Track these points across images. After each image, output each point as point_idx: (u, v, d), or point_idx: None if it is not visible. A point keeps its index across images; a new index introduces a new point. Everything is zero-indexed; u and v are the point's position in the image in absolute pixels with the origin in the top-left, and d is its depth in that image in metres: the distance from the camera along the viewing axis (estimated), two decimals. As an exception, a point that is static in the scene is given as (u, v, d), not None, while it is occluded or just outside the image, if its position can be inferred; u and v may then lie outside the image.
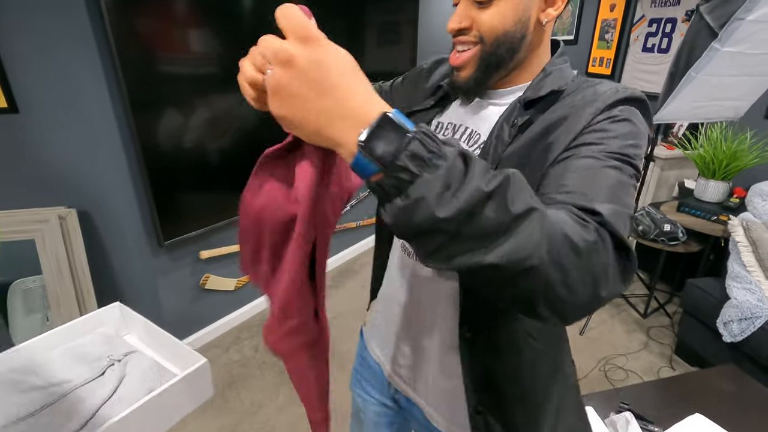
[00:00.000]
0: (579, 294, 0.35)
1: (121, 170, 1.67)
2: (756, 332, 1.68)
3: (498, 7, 0.53)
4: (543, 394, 0.65)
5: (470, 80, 0.59)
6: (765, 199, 1.95)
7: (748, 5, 1.39)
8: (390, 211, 0.33)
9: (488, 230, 0.33)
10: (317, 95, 0.32)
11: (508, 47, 0.56)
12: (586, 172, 0.45)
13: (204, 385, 0.68)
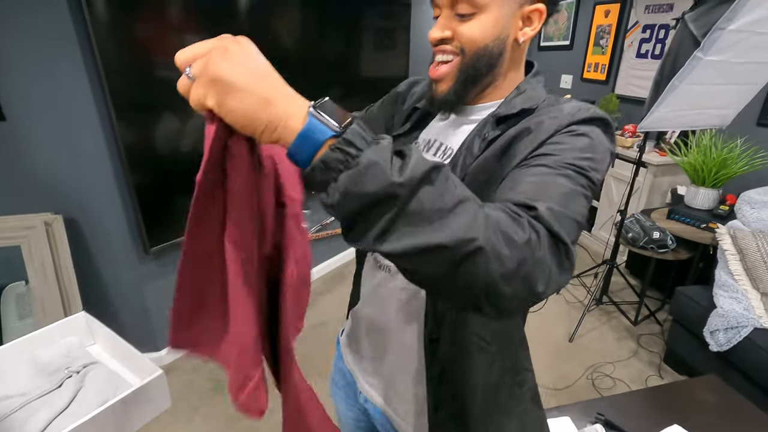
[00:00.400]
0: (516, 287, 0.36)
1: (106, 177, 1.68)
2: (742, 342, 1.66)
3: (479, 21, 0.55)
4: (493, 395, 0.66)
5: (449, 93, 0.60)
6: (754, 207, 1.93)
7: (728, 15, 1.39)
8: (339, 185, 0.34)
9: (435, 207, 0.34)
10: (259, 77, 0.35)
11: (486, 62, 0.58)
12: (537, 178, 0.46)
13: (160, 397, 0.68)
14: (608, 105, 3.32)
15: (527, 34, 0.58)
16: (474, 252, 0.34)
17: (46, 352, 0.75)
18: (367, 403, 0.79)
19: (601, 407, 1.23)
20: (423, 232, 0.34)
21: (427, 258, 0.35)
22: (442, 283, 0.37)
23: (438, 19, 0.58)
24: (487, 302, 0.37)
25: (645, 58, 3.16)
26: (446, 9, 0.56)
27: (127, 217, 1.76)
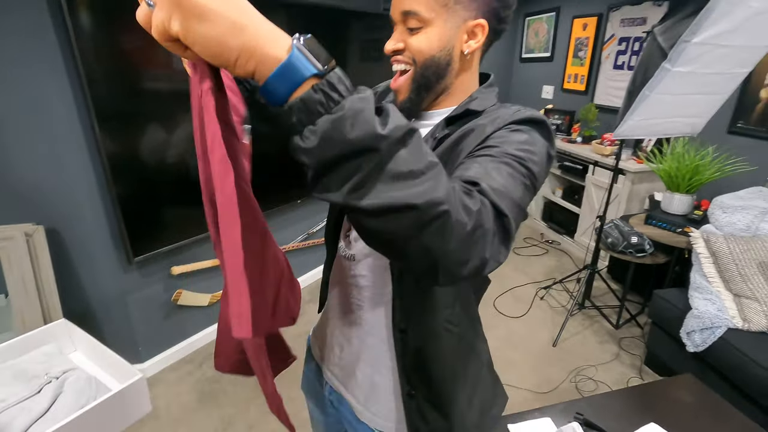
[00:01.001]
0: (469, 252, 0.39)
1: (89, 186, 1.68)
2: (717, 342, 1.71)
3: (426, 34, 0.60)
4: (462, 371, 0.73)
5: (406, 102, 0.66)
6: (726, 211, 2.01)
7: (692, 29, 1.46)
8: (318, 128, 0.32)
9: (410, 168, 0.34)
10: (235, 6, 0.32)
11: (434, 71, 0.63)
12: (481, 165, 0.50)
13: (140, 401, 0.69)
14: (588, 114, 3.41)
15: (471, 47, 0.63)
16: (440, 215, 0.35)
17: (25, 359, 0.75)
18: (331, 394, 0.84)
19: (581, 407, 1.26)
20: (397, 189, 0.34)
21: (395, 217, 0.35)
22: (405, 245, 0.37)
23: (393, 33, 0.63)
24: (443, 267, 0.38)
25: (621, 69, 3.27)
26: (399, 24, 0.62)
27: (110, 227, 1.76)
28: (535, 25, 4.24)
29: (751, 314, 1.72)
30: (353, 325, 0.75)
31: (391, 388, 0.73)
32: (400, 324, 0.68)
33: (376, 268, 0.70)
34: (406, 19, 0.60)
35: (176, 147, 1.86)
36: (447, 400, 0.71)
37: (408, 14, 0.60)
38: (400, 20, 0.62)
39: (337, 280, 0.78)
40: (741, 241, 1.81)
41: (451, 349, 0.71)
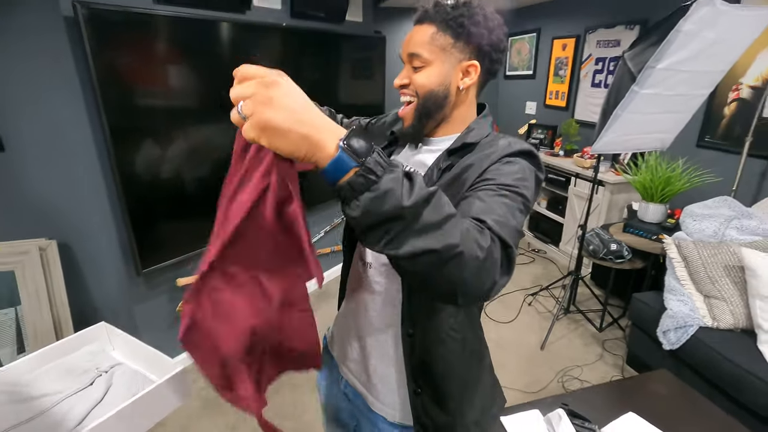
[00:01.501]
0: (484, 280, 0.49)
1: (101, 202, 1.76)
2: (690, 340, 1.86)
3: (426, 72, 0.73)
4: (465, 373, 0.82)
5: (410, 128, 0.78)
6: (695, 219, 2.17)
7: (657, 56, 1.64)
8: (361, 203, 0.44)
9: (431, 222, 0.46)
10: (298, 118, 0.43)
11: (433, 102, 0.75)
12: (483, 199, 0.61)
13: (183, 389, 0.79)
14: (569, 129, 3.61)
15: (466, 83, 0.74)
16: (456, 255, 0.46)
17: (75, 357, 0.85)
18: (347, 388, 0.93)
19: (566, 400, 1.37)
20: (421, 240, 0.45)
21: (420, 260, 0.46)
22: (430, 279, 0.49)
23: (402, 70, 0.76)
24: (461, 293, 0.49)
25: (599, 87, 3.48)
26: (407, 63, 0.76)
27: (120, 240, 1.84)
28: (518, 45, 4.47)
29: (720, 313, 1.87)
30: (367, 325, 0.85)
31: (402, 382, 0.82)
32: (408, 329, 0.78)
33: (389, 275, 0.80)
34: (411, 59, 0.74)
35: (184, 163, 1.96)
36: (450, 398, 0.79)
37: (413, 56, 0.73)
38: (407, 60, 0.75)
39: (354, 284, 0.88)
40: (709, 246, 1.97)
41: (454, 353, 0.79)
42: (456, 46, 0.72)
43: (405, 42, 0.75)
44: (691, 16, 1.54)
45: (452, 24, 0.71)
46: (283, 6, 2.33)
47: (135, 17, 1.67)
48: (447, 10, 0.71)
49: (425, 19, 0.73)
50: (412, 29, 0.76)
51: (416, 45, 0.72)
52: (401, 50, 0.76)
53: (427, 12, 0.73)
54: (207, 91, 2.00)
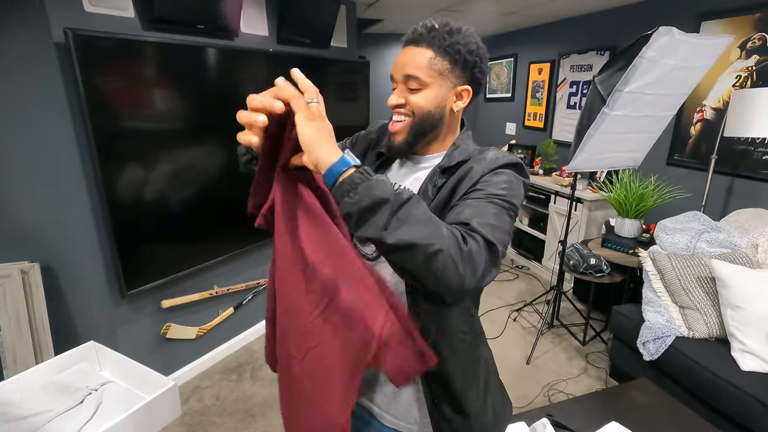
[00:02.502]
0: (468, 277, 0.55)
1: (86, 224, 1.76)
2: (668, 350, 1.92)
3: (424, 94, 0.77)
4: (475, 376, 0.85)
5: (403, 144, 0.81)
6: (668, 233, 2.27)
7: (624, 80, 1.75)
8: (358, 191, 0.55)
9: (415, 214, 0.55)
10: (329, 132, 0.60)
11: (429, 122, 0.79)
12: (472, 206, 0.66)
13: (172, 405, 0.80)
14: (547, 149, 3.74)
15: (459, 106, 0.80)
16: (436, 252, 0.53)
17: (65, 375, 0.85)
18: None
19: (551, 411, 1.40)
20: (405, 231, 0.54)
21: (408, 253, 0.54)
22: (418, 273, 0.55)
23: (396, 89, 0.79)
24: (448, 291, 0.55)
25: (573, 109, 3.64)
26: (401, 84, 0.78)
27: (104, 262, 1.83)
28: (497, 69, 4.65)
29: (694, 323, 1.94)
30: None
31: (413, 394, 0.83)
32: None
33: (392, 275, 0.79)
34: (408, 80, 0.76)
35: (170, 185, 1.98)
36: (466, 402, 0.81)
37: (410, 77, 0.75)
38: (402, 81, 0.77)
39: None
40: (682, 258, 2.06)
41: (465, 356, 0.82)
42: (453, 71, 0.76)
43: (399, 63, 0.77)
44: (652, 45, 1.66)
45: (450, 50, 0.75)
46: (270, 32, 2.41)
47: (125, 44, 1.71)
48: (444, 36, 0.75)
49: (421, 42, 0.76)
50: (405, 50, 0.78)
51: (414, 67, 0.75)
52: (394, 71, 0.79)
53: (422, 35, 0.75)
54: (194, 115, 2.04)
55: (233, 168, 2.33)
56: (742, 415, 1.61)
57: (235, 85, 2.20)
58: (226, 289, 2.36)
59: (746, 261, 1.96)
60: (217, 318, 2.38)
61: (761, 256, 2.02)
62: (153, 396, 0.76)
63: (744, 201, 2.41)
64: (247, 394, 2.18)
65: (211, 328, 2.35)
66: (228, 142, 2.27)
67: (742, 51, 2.36)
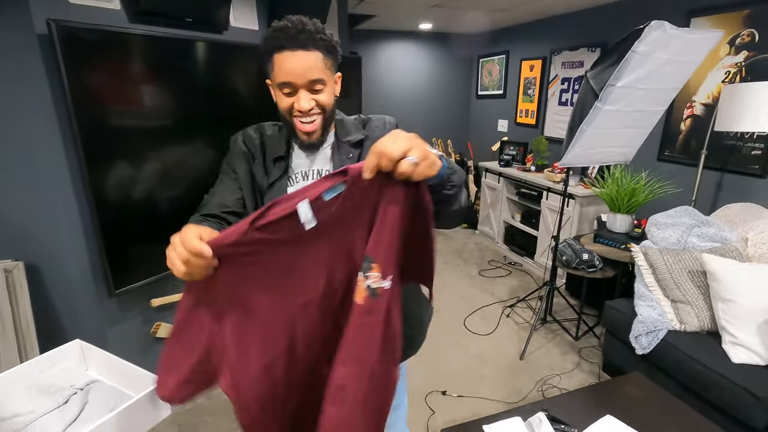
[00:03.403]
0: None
1: (72, 222, 1.72)
2: (660, 343, 1.93)
3: (326, 92, 0.89)
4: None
5: (320, 138, 0.93)
6: (659, 228, 2.29)
7: (616, 74, 1.75)
8: (454, 181, 0.72)
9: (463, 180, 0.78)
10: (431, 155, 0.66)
11: (331, 114, 0.93)
12: None
13: (162, 404, 0.77)
14: (539, 146, 3.75)
15: (337, 91, 0.94)
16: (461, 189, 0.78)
17: (48, 375, 0.82)
18: None
19: (546, 406, 1.40)
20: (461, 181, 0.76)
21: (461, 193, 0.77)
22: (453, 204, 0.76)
23: (300, 95, 0.86)
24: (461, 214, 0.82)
25: (565, 106, 3.66)
26: (304, 88, 0.86)
27: (91, 261, 1.79)
28: (488, 66, 4.65)
29: (686, 317, 1.95)
30: None
31: None
32: None
33: None
34: (313, 84, 0.85)
35: (159, 182, 1.94)
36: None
37: (316, 81, 0.86)
38: (306, 85, 0.85)
39: None
40: (673, 253, 2.07)
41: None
42: (334, 66, 0.90)
43: (299, 69, 0.83)
44: (644, 39, 1.66)
45: (331, 49, 0.87)
46: (261, 26, 2.38)
47: (110, 36, 1.67)
48: (325, 37, 0.86)
49: (310, 46, 0.83)
50: (296, 54, 0.83)
51: (317, 71, 0.85)
52: (292, 77, 0.84)
53: (309, 39, 0.83)
54: (183, 110, 2.00)
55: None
56: (734, 406, 1.62)
57: (224, 79, 2.16)
58: (217, 288, 2.33)
59: (736, 255, 1.98)
60: (208, 317, 2.34)
61: (751, 249, 2.04)
62: (141, 394, 0.74)
63: (733, 196, 2.44)
64: (239, 394, 2.15)
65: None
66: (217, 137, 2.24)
67: (731, 47, 2.38)
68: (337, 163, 0.93)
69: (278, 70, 0.85)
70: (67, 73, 1.54)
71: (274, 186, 0.94)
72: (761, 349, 1.70)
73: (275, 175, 0.94)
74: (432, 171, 0.63)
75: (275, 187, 0.94)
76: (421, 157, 0.60)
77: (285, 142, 0.97)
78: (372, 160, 0.60)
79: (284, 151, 0.95)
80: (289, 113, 0.89)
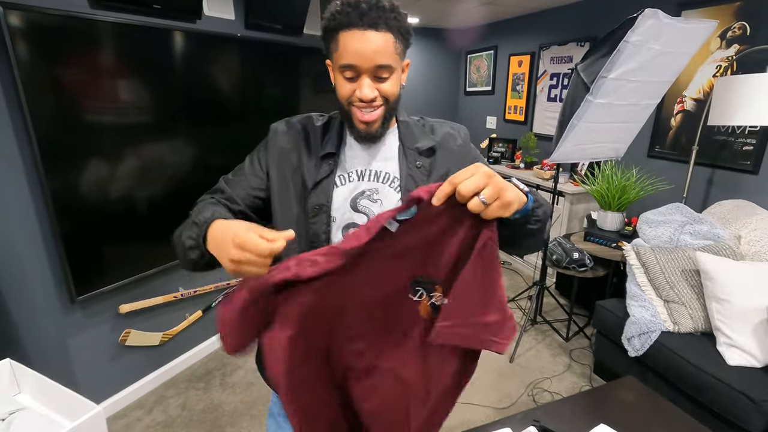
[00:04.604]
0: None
1: (28, 223, 1.59)
2: (654, 345, 1.87)
3: (393, 80, 0.77)
4: None
5: (379, 130, 0.80)
6: (651, 226, 2.23)
7: (607, 66, 1.68)
8: (538, 216, 0.71)
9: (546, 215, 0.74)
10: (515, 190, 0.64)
11: (395, 105, 0.81)
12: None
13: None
14: (528, 143, 3.69)
15: (404, 80, 0.81)
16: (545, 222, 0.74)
17: (-35, 403, 0.71)
18: None
19: (537, 415, 1.32)
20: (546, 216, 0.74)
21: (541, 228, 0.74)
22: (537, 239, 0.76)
23: (363, 81, 0.74)
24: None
25: (554, 102, 3.60)
26: (368, 74, 0.74)
27: (51, 264, 1.66)
28: (476, 62, 4.58)
29: (679, 317, 1.89)
30: None
31: None
32: None
33: None
34: (380, 71, 0.73)
35: (123, 181, 1.81)
36: None
37: (383, 67, 0.73)
38: (372, 70, 0.73)
39: None
40: (665, 251, 2.01)
41: None
42: (404, 51, 0.77)
43: (366, 51, 0.71)
44: (638, 28, 1.59)
45: (404, 32, 0.75)
46: (237, 16, 2.26)
47: (68, 22, 1.55)
48: (400, 18, 0.74)
49: (380, 26, 0.71)
50: (366, 35, 0.71)
51: (386, 56, 0.73)
52: (357, 60, 0.72)
53: (381, 18, 0.71)
54: (151, 105, 1.87)
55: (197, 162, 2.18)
56: (730, 410, 1.56)
57: (198, 72, 2.04)
58: (192, 292, 2.21)
59: (730, 253, 1.93)
60: (183, 322, 2.22)
61: (744, 247, 1.99)
62: (72, 425, 0.63)
63: (725, 192, 2.39)
64: (215, 403, 2.04)
65: (177, 334, 2.19)
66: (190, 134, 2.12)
67: (723, 40, 2.34)
68: (404, 171, 0.82)
69: (343, 50, 0.73)
70: (19, 62, 1.42)
71: (319, 186, 0.82)
72: (757, 351, 1.64)
73: (322, 174, 0.82)
74: (505, 212, 0.62)
75: (320, 187, 0.82)
76: (491, 198, 0.59)
77: (337, 137, 0.84)
78: (446, 190, 0.61)
79: (335, 147, 0.83)
80: (347, 101, 0.77)
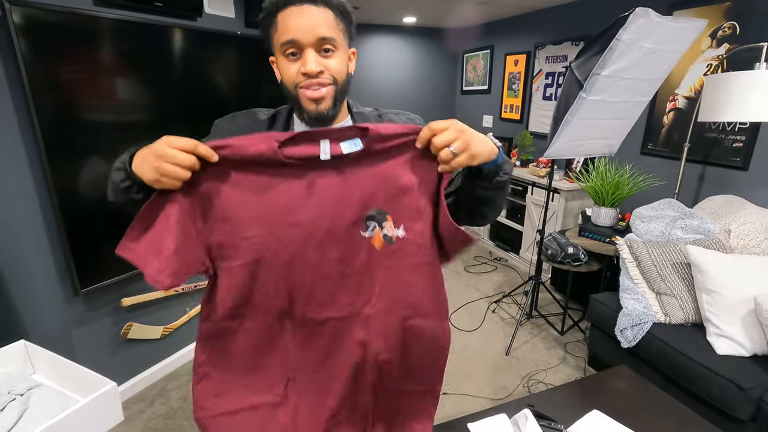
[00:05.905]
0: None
1: (33, 218, 1.61)
2: (645, 336, 1.91)
3: (338, 57, 0.73)
4: None
5: (330, 110, 0.75)
6: (643, 221, 2.28)
7: (600, 63, 1.72)
8: (506, 170, 0.74)
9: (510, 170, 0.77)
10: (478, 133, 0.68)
11: (345, 88, 0.77)
12: None
13: (112, 409, 0.70)
14: (524, 141, 3.73)
15: (351, 69, 0.78)
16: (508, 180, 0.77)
17: (-17, 380, 0.74)
18: None
19: (531, 402, 1.36)
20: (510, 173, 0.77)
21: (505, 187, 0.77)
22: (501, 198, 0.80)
23: (306, 55, 0.71)
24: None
25: (549, 100, 3.65)
26: (309, 48, 0.71)
27: (55, 257, 1.68)
28: (473, 61, 4.62)
29: (671, 309, 1.94)
30: None
31: None
32: None
33: None
34: (323, 43, 0.70)
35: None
36: None
37: (326, 40, 0.70)
38: (314, 44, 0.70)
39: None
40: (658, 245, 2.06)
41: None
42: (346, 34, 0.75)
43: (306, 24, 0.69)
44: (629, 26, 1.63)
45: (344, 12, 0.73)
46: (237, 14, 2.29)
47: (73, 19, 1.57)
48: None
49: (318, 2, 0.70)
50: (303, 8, 0.70)
51: (326, 29, 0.70)
52: (298, 33, 0.69)
53: None
54: (152, 100, 1.90)
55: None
56: (719, 398, 1.61)
57: (198, 69, 2.07)
58: (193, 286, 2.24)
59: (720, 246, 1.98)
60: (184, 316, 2.25)
61: (734, 241, 2.04)
62: (87, 399, 0.66)
63: (715, 188, 2.44)
64: (216, 396, 2.07)
65: (178, 327, 2.22)
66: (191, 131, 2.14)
67: (713, 40, 2.39)
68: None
69: (282, 29, 0.70)
70: (25, 58, 1.45)
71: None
72: (745, 341, 1.69)
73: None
74: (472, 161, 0.66)
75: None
76: (459, 149, 0.64)
77: (282, 129, 0.81)
78: (426, 135, 0.65)
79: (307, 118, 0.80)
80: (294, 85, 0.73)
